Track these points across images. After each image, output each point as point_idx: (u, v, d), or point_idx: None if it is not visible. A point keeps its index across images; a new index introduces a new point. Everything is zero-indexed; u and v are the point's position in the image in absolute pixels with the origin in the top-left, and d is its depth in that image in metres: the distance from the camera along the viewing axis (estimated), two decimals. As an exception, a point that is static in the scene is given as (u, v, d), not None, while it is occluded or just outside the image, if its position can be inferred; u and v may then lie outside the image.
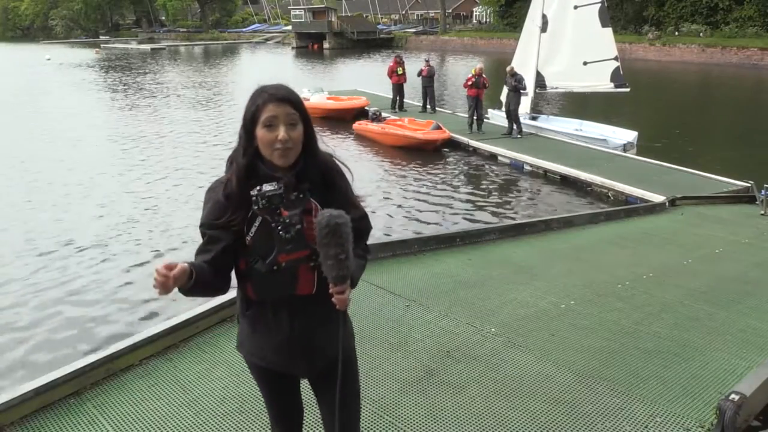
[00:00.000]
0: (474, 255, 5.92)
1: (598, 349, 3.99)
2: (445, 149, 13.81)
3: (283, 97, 1.86)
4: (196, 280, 1.79)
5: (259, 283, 1.94)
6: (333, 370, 1.97)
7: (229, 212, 1.88)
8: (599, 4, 14.05)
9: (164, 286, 1.70)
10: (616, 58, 14.27)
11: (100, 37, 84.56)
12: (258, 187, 1.84)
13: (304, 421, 2.35)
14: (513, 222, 7.84)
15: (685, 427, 3.16)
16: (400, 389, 3.48)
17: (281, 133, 1.84)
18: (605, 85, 14.47)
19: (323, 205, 1.90)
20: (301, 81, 26.12)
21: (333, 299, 1.85)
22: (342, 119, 16.80)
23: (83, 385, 3.52)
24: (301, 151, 1.91)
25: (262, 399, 2.26)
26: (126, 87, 28.59)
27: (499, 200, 10.29)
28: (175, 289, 1.75)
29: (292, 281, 1.93)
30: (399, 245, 5.85)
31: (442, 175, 11.86)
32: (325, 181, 1.97)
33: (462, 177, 11.84)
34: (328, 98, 18.22)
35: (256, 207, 1.85)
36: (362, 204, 2.09)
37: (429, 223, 9.02)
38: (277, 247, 1.87)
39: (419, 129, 14.20)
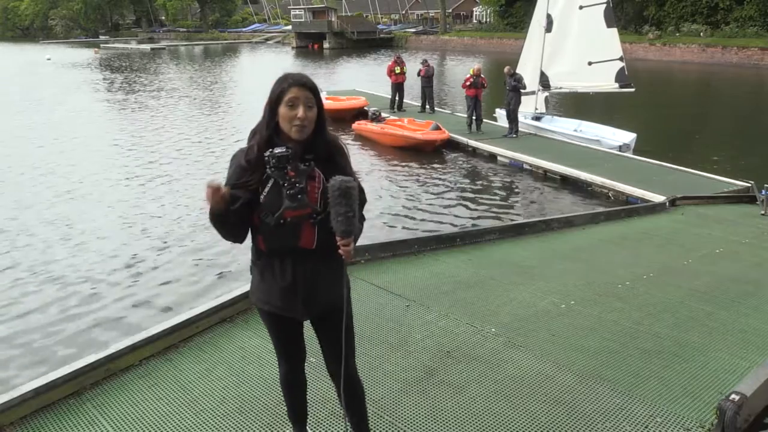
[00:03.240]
0: (474, 255, 5.91)
1: (598, 349, 3.99)
2: (445, 149, 13.81)
3: (305, 83, 2.26)
4: (231, 211, 2.20)
5: (268, 235, 2.30)
6: (331, 314, 2.42)
7: (248, 174, 2.26)
8: (605, 5, 13.98)
9: (214, 196, 2.11)
10: (621, 59, 14.21)
11: (100, 36, 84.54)
12: (270, 150, 2.21)
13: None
14: (513, 222, 7.84)
15: (685, 428, 3.16)
16: (401, 389, 3.48)
17: (300, 111, 2.21)
18: (610, 86, 14.42)
19: (325, 175, 2.26)
20: (301, 81, 26.05)
21: (340, 251, 2.21)
22: (341, 119, 16.80)
23: (83, 385, 3.51)
24: (312, 130, 2.27)
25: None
26: (126, 87, 28.59)
27: (499, 200, 10.29)
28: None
29: (296, 235, 2.28)
30: (399, 245, 5.85)
31: (442, 176, 11.86)
32: (328, 156, 2.33)
33: (461, 177, 11.84)
34: (327, 98, 18.20)
35: (267, 166, 2.21)
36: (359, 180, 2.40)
37: (429, 223, 9.02)
38: (284, 204, 2.23)
39: (418, 129, 14.20)
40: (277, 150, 2.20)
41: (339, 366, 2.52)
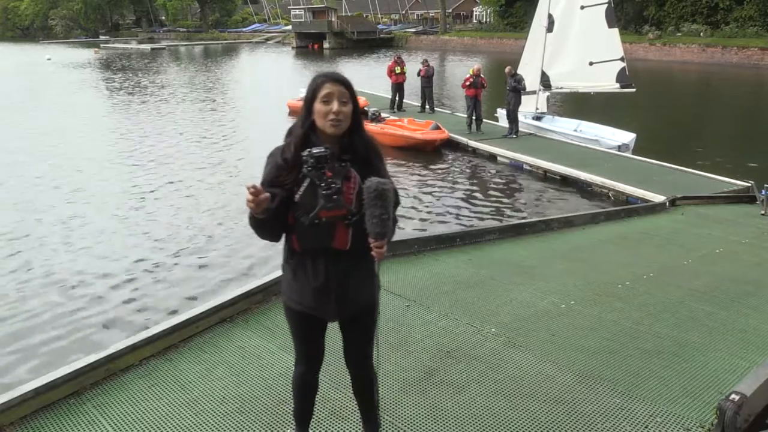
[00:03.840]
0: (474, 255, 5.91)
1: (598, 349, 3.99)
2: (445, 149, 13.81)
3: (338, 79, 2.27)
4: (270, 213, 2.16)
5: (302, 235, 2.29)
6: (361, 314, 2.44)
7: (284, 173, 2.25)
8: (606, 5, 13.99)
9: (255, 201, 2.07)
10: (622, 59, 14.21)
11: (100, 36, 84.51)
12: (309, 149, 2.19)
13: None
14: (513, 222, 7.84)
15: (685, 427, 3.16)
16: (401, 389, 3.48)
17: (335, 106, 2.22)
18: (611, 86, 14.42)
19: (360, 176, 2.25)
20: (301, 81, 26.11)
21: (372, 252, 2.22)
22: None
23: (83, 385, 3.51)
24: (348, 128, 2.27)
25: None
26: (127, 87, 28.58)
27: (499, 200, 10.29)
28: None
29: (330, 235, 2.28)
30: (399, 245, 5.84)
31: (442, 176, 11.86)
32: (365, 157, 2.33)
33: (462, 177, 11.84)
34: None
35: (305, 166, 2.19)
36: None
37: (429, 223, 9.02)
38: (319, 204, 2.21)
39: (418, 129, 14.20)
40: (316, 150, 2.18)
41: (362, 365, 2.54)
